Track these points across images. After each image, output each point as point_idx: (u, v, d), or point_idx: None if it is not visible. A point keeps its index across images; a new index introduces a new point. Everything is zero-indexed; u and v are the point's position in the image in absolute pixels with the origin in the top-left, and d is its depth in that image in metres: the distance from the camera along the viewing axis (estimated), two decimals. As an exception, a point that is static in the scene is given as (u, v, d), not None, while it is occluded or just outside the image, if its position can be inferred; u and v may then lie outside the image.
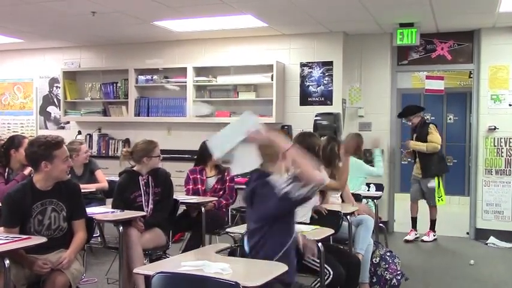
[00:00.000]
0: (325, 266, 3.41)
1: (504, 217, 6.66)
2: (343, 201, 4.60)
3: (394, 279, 4.31)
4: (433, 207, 6.67)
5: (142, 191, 4.23)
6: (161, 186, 4.30)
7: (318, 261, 3.37)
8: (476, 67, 6.86)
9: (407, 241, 6.62)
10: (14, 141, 4.78)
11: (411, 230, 6.73)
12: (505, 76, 6.66)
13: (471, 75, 7.49)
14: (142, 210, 4.18)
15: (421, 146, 6.63)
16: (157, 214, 4.25)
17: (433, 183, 6.61)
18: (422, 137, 6.63)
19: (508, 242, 6.47)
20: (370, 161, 6.87)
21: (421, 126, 6.73)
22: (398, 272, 4.35)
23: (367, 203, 5.50)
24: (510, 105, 6.64)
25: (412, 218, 6.80)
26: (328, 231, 3.44)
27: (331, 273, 3.42)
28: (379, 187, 6.06)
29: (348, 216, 4.16)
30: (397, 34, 6.50)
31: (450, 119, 10.18)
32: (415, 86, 10.30)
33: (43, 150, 3.19)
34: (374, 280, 4.33)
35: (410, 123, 6.88)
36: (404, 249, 6.21)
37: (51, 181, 3.28)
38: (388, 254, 4.44)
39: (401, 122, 7.69)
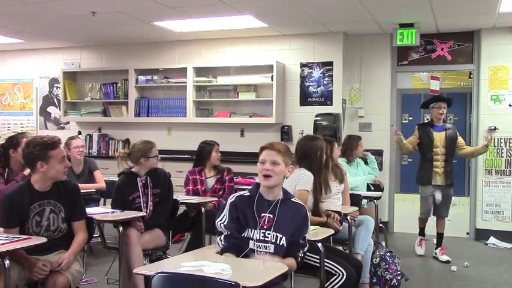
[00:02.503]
0: (338, 267, 3.41)
1: (504, 217, 6.66)
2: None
3: (394, 280, 4.31)
4: (444, 218, 5.95)
5: (140, 192, 4.21)
6: (160, 186, 4.28)
7: (328, 261, 3.37)
8: (476, 67, 6.87)
9: (420, 256, 5.91)
10: (12, 141, 4.77)
11: (421, 240, 6.02)
12: (504, 76, 6.66)
13: (471, 76, 7.50)
14: (141, 211, 4.17)
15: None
16: (157, 216, 4.23)
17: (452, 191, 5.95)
18: (453, 139, 5.83)
19: (508, 243, 6.47)
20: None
21: (447, 125, 5.92)
22: (399, 272, 4.35)
23: (367, 202, 5.51)
24: (510, 105, 6.64)
25: (420, 228, 6.09)
26: (328, 232, 3.44)
27: (345, 274, 3.41)
28: (379, 187, 6.06)
29: (348, 217, 4.16)
30: (397, 34, 6.50)
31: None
32: (415, 86, 10.32)
33: (38, 150, 3.17)
34: (374, 280, 4.32)
35: (440, 115, 5.84)
36: (404, 249, 6.20)
37: (48, 182, 3.27)
38: (388, 254, 4.44)
39: (401, 122, 7.68)
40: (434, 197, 5.78)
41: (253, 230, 2.80)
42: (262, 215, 2.82)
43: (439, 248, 5.83)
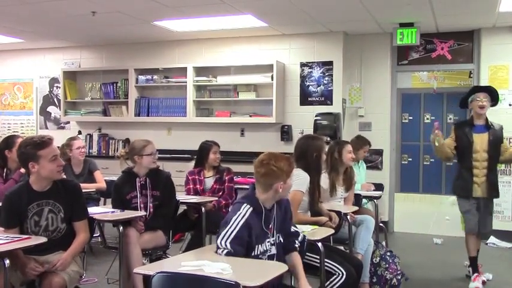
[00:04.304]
0: (338, 266, 3.41)
1: (504, 217, 6.66)
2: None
3: (394, 279, 4.31)
4: (483, 234, 5.10)
5: (138, 192, 4.18)
6: (161, 189, 4.22)
7: (328, 260, 3.37)
8: (476, 67, 6.87)
9: None
10: (7, 142, 4.81)
11: (476, 276, 4.80)
12: (504, 76, 6.67)
13: (471, 75, 7.49)
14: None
15: None
16: (159, 219, 4.19)
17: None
18: (498, 142, 4.88)
19: (508, 242, 6.47)
20: (370, 161, 6.90)
21: (491, 125, 4.91)
22: (399, 272, 4.35)
23: (367, 203, 5.51)
24: (510, 105, 6.64)
25: (471, 258, 4.92)
26: (328, 231, 3.44)
27: (345, 274, 3.41)
28: (379, 187, 6.05)
29: (348, 217, 4.16)
30: (397, 34, 6.50)
31: (450, 118, 10.15)
32: (415, 85, 10.28)
33: (29, 150, 3.17)
34: (374, 280, 4.32)
35: (482, 109, 4.86)
36: (405, 249, 6.20)
37: (45, 181, 3.25)
38: (388, 253, 4.44)
39: (401, 122, 7.65)
40: (477, 212, 4.85)
41: (260, 244, 2.79)
42: (269, 226, 2.85)
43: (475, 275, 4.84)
